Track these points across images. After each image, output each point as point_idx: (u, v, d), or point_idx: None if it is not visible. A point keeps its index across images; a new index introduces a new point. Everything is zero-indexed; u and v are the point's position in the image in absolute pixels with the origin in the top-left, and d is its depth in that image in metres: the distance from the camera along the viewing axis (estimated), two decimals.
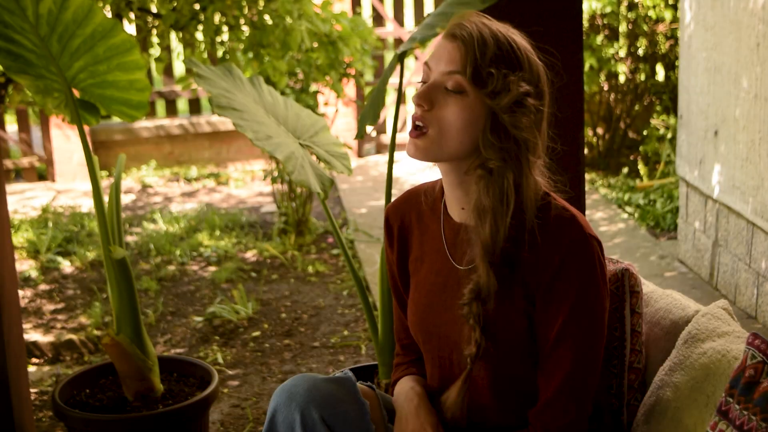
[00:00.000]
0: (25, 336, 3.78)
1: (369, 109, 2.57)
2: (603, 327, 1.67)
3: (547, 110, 1.67)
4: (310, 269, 4.71)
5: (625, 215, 5.38)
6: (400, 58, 2.49)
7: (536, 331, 1.66)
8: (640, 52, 6.15)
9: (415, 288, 1.83)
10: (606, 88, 6.36)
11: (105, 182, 6.23)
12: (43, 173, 6.69)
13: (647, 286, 1.99)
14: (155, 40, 3.92)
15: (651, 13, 5.96)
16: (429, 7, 7.32)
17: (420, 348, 1.86)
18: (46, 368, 3.68)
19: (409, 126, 1.68)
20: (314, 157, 2.79)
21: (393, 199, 1.93)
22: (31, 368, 3.66)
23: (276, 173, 5.07)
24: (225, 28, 3.74)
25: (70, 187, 6.48)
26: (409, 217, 1.85)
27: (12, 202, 5.99)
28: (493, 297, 1.63)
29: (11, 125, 7.64)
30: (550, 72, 1.68)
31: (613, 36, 6.15)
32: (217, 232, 5.27)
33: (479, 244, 1.62)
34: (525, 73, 1.61)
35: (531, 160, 1.62)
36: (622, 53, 6.14)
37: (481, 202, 1.62)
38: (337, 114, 6.01)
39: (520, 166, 1.61)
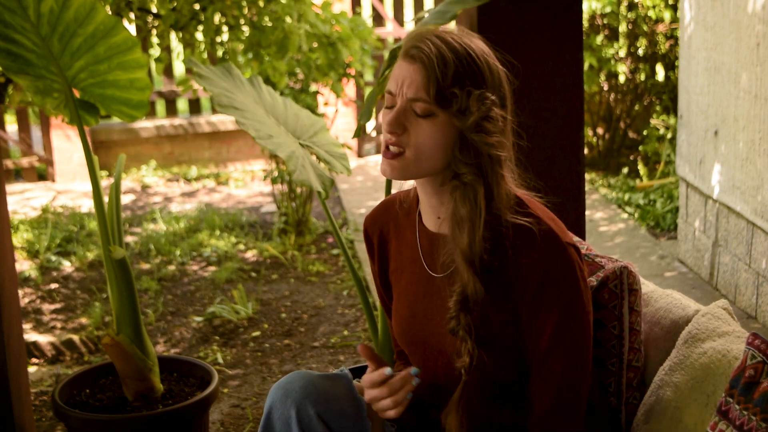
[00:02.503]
0: (25, 336, 3.78)
1: (365, 108, 2.58)
2: (590, 333, 1.67)
3: (510, 114, 1.68)
4: (310, 269, 4.71)
5: (625, 215, 5.38)
6: (394, 56, 2.48)
7: (524, 341, 1.66)
8: (640, 52, 6.15)
9: (397, 299, 1.84)
10: (606, 88, 6.36)
11: (105, 182, 6.23)
12: (43, 173, 6.69)
13: (647, 286, 1.99)
14: (155, 40, 3.92)
15: (651, 13, 5.96)
16: (429, 6, 7.32)
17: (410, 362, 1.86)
18: (46, 368, 3.68)
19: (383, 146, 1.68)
20: (314, 157, 2.79)
21: (370, 211, 1.94)
22: (31, 368, 3.66)
23: (276, 173, 5.07)
24: (225, 29, 3.74)
25: (70, 187, 6.48)
26: (387, 227, 1.86)
27: (12, 202, 5.99)
28: (479, 305, 1.63)
29: (11, 125, 7.65)
30: (509, 72, 1.68)
31: (613, 36, 6.15)
32: (217, 232, 5.27)
33: (459, 254, 1.63)
34: (487, 83, 1.62)
35: (501, 173, 1.63)
36: (622, 53, 6.14)
37: (458, 211, 1.63)
38: (337, 114, 6.02)
39: (490, 178, 1.62)
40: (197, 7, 3.61)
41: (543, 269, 1.61)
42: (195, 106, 7.04)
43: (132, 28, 3.93)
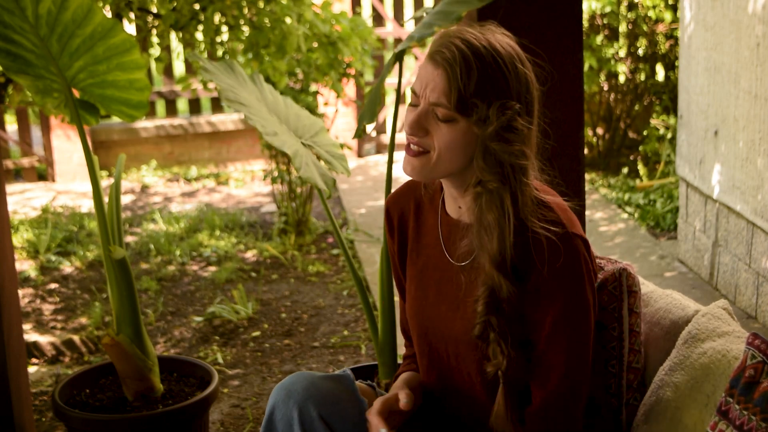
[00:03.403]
0: (25, 336, 3.78)
1: (367, 109, 2.58)
2: (591, 326, 1.67)
3: (537, 117, 1.68)
4: (310, 269, 4.71)
5: (625, 215, 5.38)
6: (398, 58, 2.48)
7: (527, 329, 1.66)
8: (640, 52, 6.15)
9: (410, 280, 1.85)
10: (606, 88, 6.36)
11: (105, 182, 6.22)
12: (43, 173, 6.69)
13: (647, 286, 1.99)
14: (155, 40, 3.92)
15: (651, 13, 5.96)
16: (428, 6, 7.32)
17: (414, 341, 1.87)
18: (46, 368, 3.68)
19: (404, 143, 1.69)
20: (315, 156, 2.79)
21: (393, 190, 1.94)
22: (31, 368, 3.66)
23: (276, 173, 5.07)
24: (225, 29, 3.74)
25: (70, 188, 6.48)
26: (408, 208, 1.87)
27: (12, 202, 5.99)
28: (513, 306, 1.63)
29: (11, 125, 7.65)
30: (540, 72, 1.68)
31: (613, 36, 6.15)
32: (217, 232, 5.27)
33: (488, 259, 1.62)
34: (512, 91, 1.61)
35: (525, 181, 1.63)
36: (622, 53, 6.14)
37: (484, 218, 1.63)
38: (337, 114, 6.01)
39: (516, 187, 1.62)
40: (197, 7, 3.61)
41: (546, 258, 1.61)
42: (195, 106, 7.04)
43: (132, 28, 3.94)
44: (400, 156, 7.29)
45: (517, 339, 1.64)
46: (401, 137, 7.27)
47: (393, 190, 1.95)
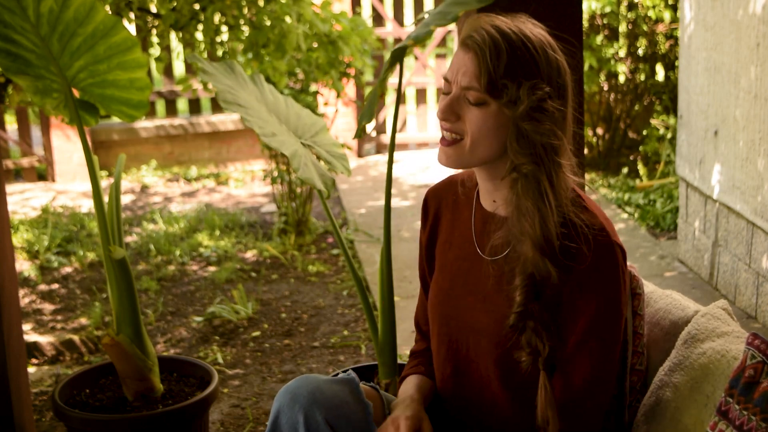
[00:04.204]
0: (25, 336, 3.78)
1: (366, 108, 2.58)
2: (620, 337, 1.67)
3: (571, 104, 1.68)
4: (310, 269, 4.71)
5: (625, 215, 5.38)
6: (395, 56, 2.48)
7: (558, 331, 1.66)
8: (640, 52, 6.15)
9: (439, 271, 1.86)
10: (606, 88, 6.36)
11: (105, 182, 6.23)
12: (43, 173, 6.69)
13: (647, 287, 1.99)
14: (155, 39, 3.92)
15: (651, 13, 5.96)
16: (429, 7, 7.32)
17: (432, 332, 1.87)
18: (46, 368, 3.68)
19: (437, 134, 1.70)
20: (314, 157, 2.79)
21: (434, 184, 1.96)
22: (31, 368, 3.66)
23: (276, 173, 5.07)
24: (224, 28, 3.74)
25: (70, 187, 6.48)
26: (446, 201, 1.88)
27: (12, 202, 5.99)
28: (553, 289, 1.62)
29: (11, 125, 7.65)
30: (570, 60, 1.68)
31: (612, 36, 6.15)
32: (217, 232, 5.27)
33: (529, 243, 1.61)
34: (542, 74, 1.61)
35: (558, 161, 1.62)
36: (622, 53, 6.14)
37: (522, 203, 1.63)
38: (337, 114, 6.02)
39: (550, 168, 1.62)
40: (197, 7, 3.61)
41: (590, 264, 1.61)
42: (195, 106, 7.04)
43: (132, 28, 3.94)
44: (400, 156, 7.32)
45: (557, 327, 1.64)
46: (401, 137, 7.27)
47: (434, 184, 1.96)
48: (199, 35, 3.77)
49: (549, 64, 1.63)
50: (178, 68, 8.45)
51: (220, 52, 3.83)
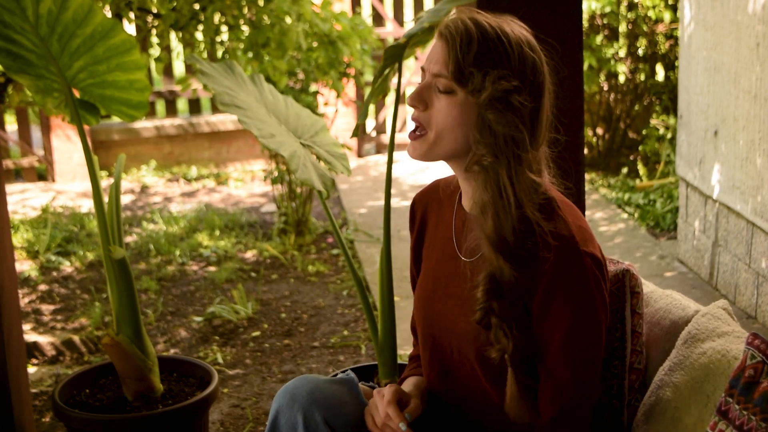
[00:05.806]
0: (25, 336, 3.78)
1: (364, 107, 2.59)
2: (600, 343, 1.65)
3: (547, 107, 1.66)
4: (310, 269, 4.71)
5: (625, 215, 5.38)
6: (391, 54, 2.48)
7: (534, 342, 1.64)
8: (640, 52, 6.15)
9: (423, 275, 1.86)
10: (606, 88, 6.36)
11: (105, 182, 6.22)
12: (43, 173, 6.69)
13: (647, 287, 1.99)
14: (155, 40, 3.92)
15: (651, 13, 5.96)
16: (429, 6, 7.32)
17: (418, 334, 1.87)
18: (46, 368, 3.68)
19: (409, 127, 1.70)
20: (314, 157, 2.79)
21: (419, 189, 1.96)
22: (31, 368, 3.66)
23: (276, 173, 5.07)
24: (224, 28, 3.74)
25: (70, 187, 6.48)
26: (431, 205, 1.88)
27: (12, 202, 5.99)
28: (512, 289, 1.61)
29: (11, 125, 7.65)
30: (550, 62, 1.67)
31: (612, 36, 6.15)
32: (217, 232, 5.27)
33: (485, 240, 1.61)
34: (512, 68, 1.60)
35: (519, 155, 1.60)
36: (622, 53, 6.14)
37: (480, 197, 1.63)
38: (337, 114, 6.02)
39: (510, 161, 1.60)
40: (197, 7, 3.61)
41: (553, 273, 1.59)
42: (195, 106, 7.04)
43: (132, 28, 3.94)
44: (400, 156, 7.31)
45: (522, 322, 1.62)
46: (401, 137, 7.27)
47: (421, 189, 1.96)
48: (199, 35, 3.77)
49: (522, 60, 1.61)
50: (178, 68, 8.45)
51: (220, 53, 3.83)
